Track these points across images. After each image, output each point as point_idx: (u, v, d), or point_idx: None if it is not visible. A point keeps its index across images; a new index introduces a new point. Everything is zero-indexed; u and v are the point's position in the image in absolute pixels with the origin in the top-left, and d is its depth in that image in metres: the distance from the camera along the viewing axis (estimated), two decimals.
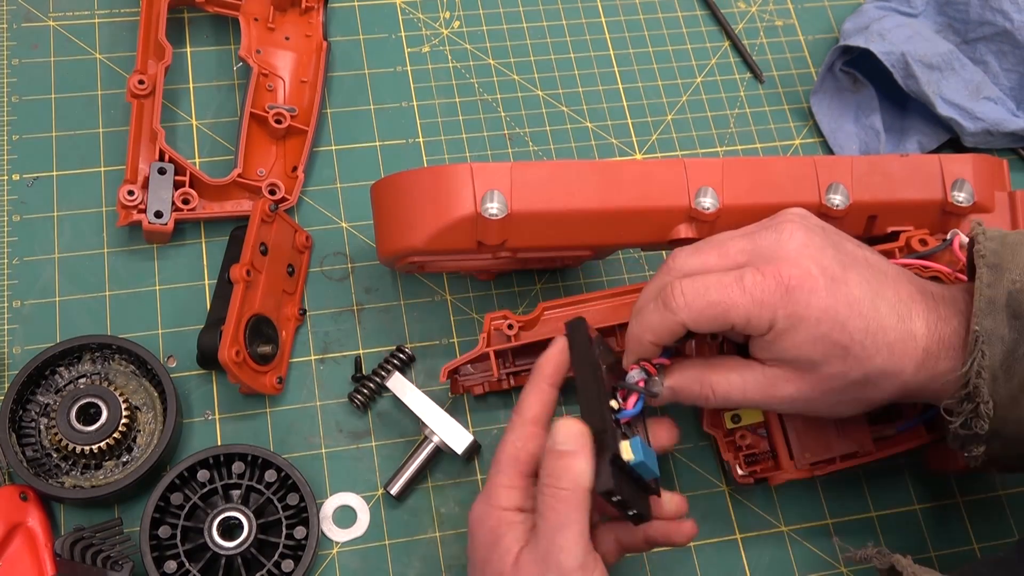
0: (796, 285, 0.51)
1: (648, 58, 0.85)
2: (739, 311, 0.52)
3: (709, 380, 0.55)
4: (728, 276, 0.52)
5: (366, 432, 0.68)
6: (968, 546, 0.68)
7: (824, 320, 0.51)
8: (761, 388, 0.54)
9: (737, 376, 0.55)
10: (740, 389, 0.55)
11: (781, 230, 0.53)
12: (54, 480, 0.62)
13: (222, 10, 0.78)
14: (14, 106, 0.75)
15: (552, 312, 0.64)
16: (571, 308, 0.64)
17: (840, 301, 0.51)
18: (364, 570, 0.64)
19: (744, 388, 0.55)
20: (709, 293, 0.52)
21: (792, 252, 0.52)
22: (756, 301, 0.51)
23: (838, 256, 0.53)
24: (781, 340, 0.52)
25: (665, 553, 0.66)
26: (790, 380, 0.53)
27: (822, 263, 0.52)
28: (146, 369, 0.65)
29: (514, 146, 0.79)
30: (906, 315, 0.52)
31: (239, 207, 0.72)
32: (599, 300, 0.64)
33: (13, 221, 0.71)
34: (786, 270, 0.51)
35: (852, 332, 0.51)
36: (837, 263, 0.52)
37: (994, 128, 0.80)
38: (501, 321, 0.63)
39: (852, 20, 0.85)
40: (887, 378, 0.52)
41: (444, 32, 0.83)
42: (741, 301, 0.51)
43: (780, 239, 0.53)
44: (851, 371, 0.52)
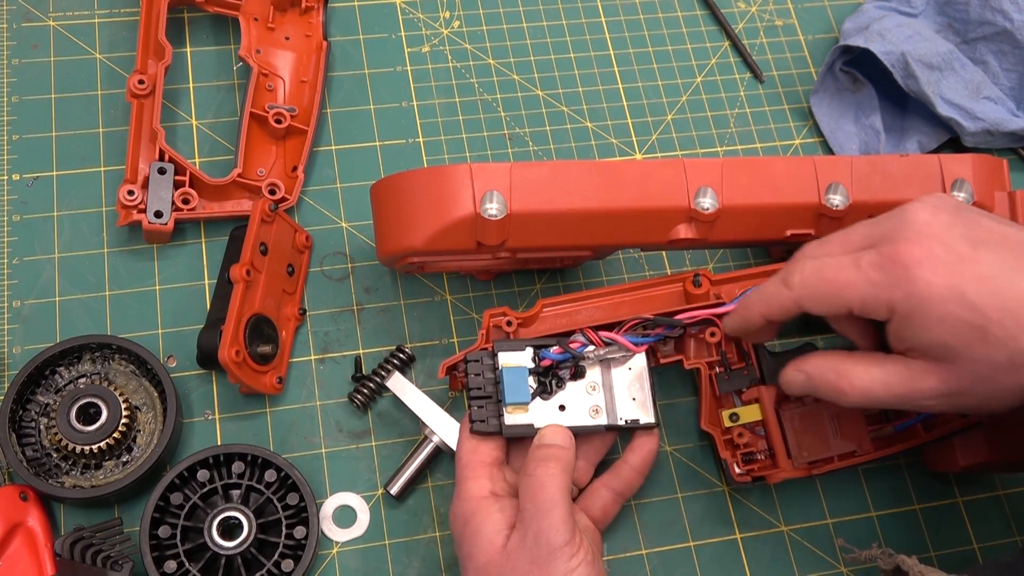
0: (914, 263, 0.49)
1: (648, 58, 0.85)
2: (854, 291, 0.50)
3: (848, 371, 0.53)
4: (847, 257, 0.51)
5: (366, 432, 0.68)
6: (968, 546, 0.68)
7: (950, 299, 0.48)
8: (905, 382, 0.51)
9: (879, 369, 0.52)
10: (882, 383, 0.52)
11: (904, 212, 0.51)
12: (54, 480, 0.62)
13: (222, 10, 0.78)
14: (14, 106, 0.75)
15: (551, 309, 0.64)
16: (571, 305, 0.64)
17: (967, 279, 0.48)
18: (364, 570, 0.64)
19: (886, 382, 0.52)
20: (825, 271, 0.52)
21: (913, 232, 0.50)
22: (872, 281, 0.50)
23: (969, 233, 0.50)
24: (908, 325, 0.50)
25: (665, 553, 0.66)
26: (933, 371, 0.50)
27: (946, 241, 0.49)
28: (146, 369, 0.65)
29: (514, 146, 0.79)
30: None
31: (239, 207, 0.72)
32: (599, 298, 0.64)
33: (13, 221, 0.71)
34: (905, 249, 0.49)
35: (986, 310, 0.48)
36: (965, 240, 0.49)
37: (994, 128, 0.80)
38: (500, 317, 0.63)
39: (852, 20, 0.85)
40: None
41: (444, 32, 0.83)
42: (856, 281, 0.50)
43: (903, 220, 0.51)
44: (994, 354, 0.48)
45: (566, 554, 0.53)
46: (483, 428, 0.59)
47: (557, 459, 0.56)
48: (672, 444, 0.70)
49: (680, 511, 0.68)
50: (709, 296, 0.63)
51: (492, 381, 0.59)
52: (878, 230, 0.52)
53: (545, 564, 0.52)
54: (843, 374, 0.53)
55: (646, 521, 0.67)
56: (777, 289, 0.54)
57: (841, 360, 0.54)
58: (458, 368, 0.65)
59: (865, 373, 0.52)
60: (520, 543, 0.54)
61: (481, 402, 0.59)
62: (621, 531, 0.67)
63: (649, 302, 0.64)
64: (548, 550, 0.52)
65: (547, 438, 0.57)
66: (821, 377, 0.54)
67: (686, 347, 0.64)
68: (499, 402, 0.59)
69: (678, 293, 0.64)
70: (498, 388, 0.59)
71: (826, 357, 0.55)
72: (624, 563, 0.66)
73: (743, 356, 0.64)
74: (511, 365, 0.59)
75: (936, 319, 0.49)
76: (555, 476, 0.55)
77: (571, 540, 0.53)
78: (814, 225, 0.64)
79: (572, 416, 0.60)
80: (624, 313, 0.63)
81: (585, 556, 0.53)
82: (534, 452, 0.57)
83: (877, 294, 0.50)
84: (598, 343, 0.59)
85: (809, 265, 0.53)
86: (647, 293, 0.64)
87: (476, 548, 0.55)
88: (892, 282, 0.49)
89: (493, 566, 0.54)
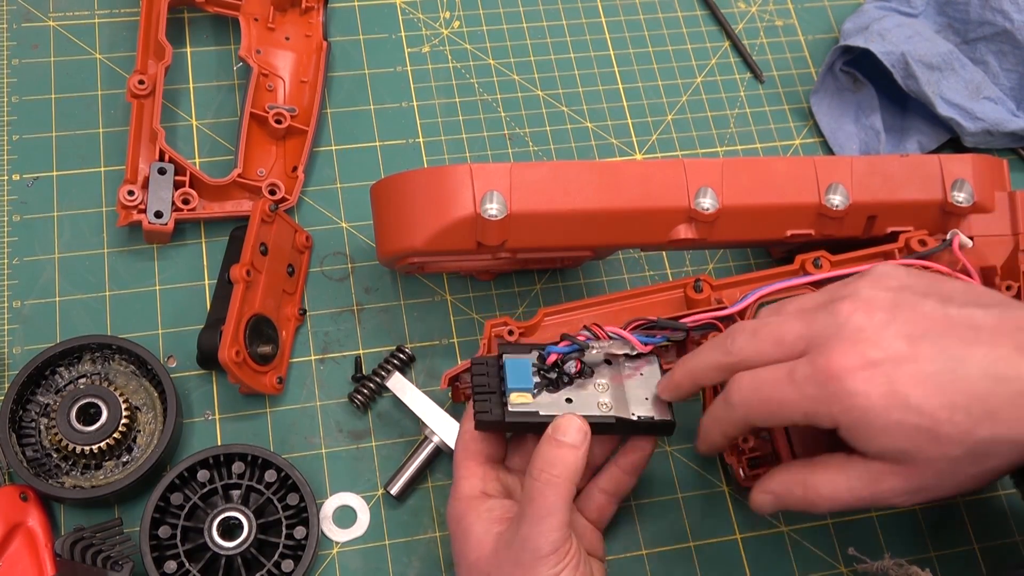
0: (848, 376, 0.47)
1: (648, 58, 0.85)
2: (794, 409, 0.49)
3: (812, 483, 0.51)
4: (781, 370, 0.49)
5: (366, 432, 0.68)
6: (968, 546, 0.68)
7: (892, 407, 0.46)
8: (867, 485, 0.50)
9: (841, 476, 0.50)
10: (847, 489, 0.50)
11: (837, 312, 0.49)
12: (54, 480, 0.62)
13: (222, 10, 0.78)
14: (14, 106, 0.75)
15: (552, 318, 0.64)
16: (571, 314, 0.64)
17: (907, 382, 0.46)
18: (364, 570, 0.64)
19: (850, 487, 0.50)
20: (763, 389, 0.50)
21: (846, 338, 0.48)
22: (809, 397, 0.48)
23: (907, 328, 0.48)
24: (855, 436, 0.48)
25: (665, 553, 0.66)
26: (894, 472, 0.49)
27: (881, 343, 0.47)
28: (146, 369, 0.65)
29: (514, 146, 0.79)
30: (1009, 374, 0.46)
31: (239, 207, 0.72)
32: (600, 305, 0.64)
33: (13, 221, 0.71)
34: (836, 360, 0.47)
35: (932, 412, 0.46)
36: (903, 338, 0.47)
37: (994, 128, 0.80)
38: (501, 327, 0.63)
39: (852, 20, 0.85)
40: (1003, 446, 0.47)
41: (444, 32, 0.83)
42: (794, 398, 0.49)
43: (835, 322, 0.49)
44: (950, 451, 0.47)
45: (551, 561, 0.52)
46: (486, 418, 0.56)
47: (564, 464, 0.53)
48: (672, 444, 0.70)
49: (680, 511, 0.68)
50: (710, 301, 0.63)
51: (496, 380, 0.57)
52: (812, 328, 0.50)
53: (529, 568, 0.52)
54: (808, 486, 0.52)
55: (646, 521, 0.67)
56: (723, 411, 0.53)
57: (803, 472, 0.53)
58: (460, 379, 0.65)
59: (829, 483, 0.51)
60: (508, 544, 0.53)
61: (484, 396, 0.57)
62: (621, 531, 0.67)
63: (650, 308, 0.64)
64: (534, 556, 0.52)
65: (560, 432, 0.53)
66: (789, 494, 0.53)
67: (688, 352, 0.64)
68: (502, 392, 0.57)
69: (679, 299, 0.64)
70: (502, 384, 0.57)
71: (789, 471, 0.54)
72: (624, 563, 0.66)
73: None
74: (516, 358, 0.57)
75: (881, 428, 0.47)
76: (557, 484, 0.52)
77: (558, 549, 0.52)
78: (814, 225, 0.64)
79: (580, 408, 0.57)
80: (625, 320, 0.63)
81: (569, 563, 0.52)
82: (542, 450, 0.54)
83: (817, 409, 0.48)
84: (603, 336, 0.58)
85: (746, 382, 0.51)
86: (648, 299, 0.64)
87: (467, 547, 0.55)
88: (829, 397, 0.47)
89: (481, 563, 0.54)
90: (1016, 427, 0.46)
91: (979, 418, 0.46)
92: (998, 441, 0.47)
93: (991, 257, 0.66)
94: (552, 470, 0.53)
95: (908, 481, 0.49)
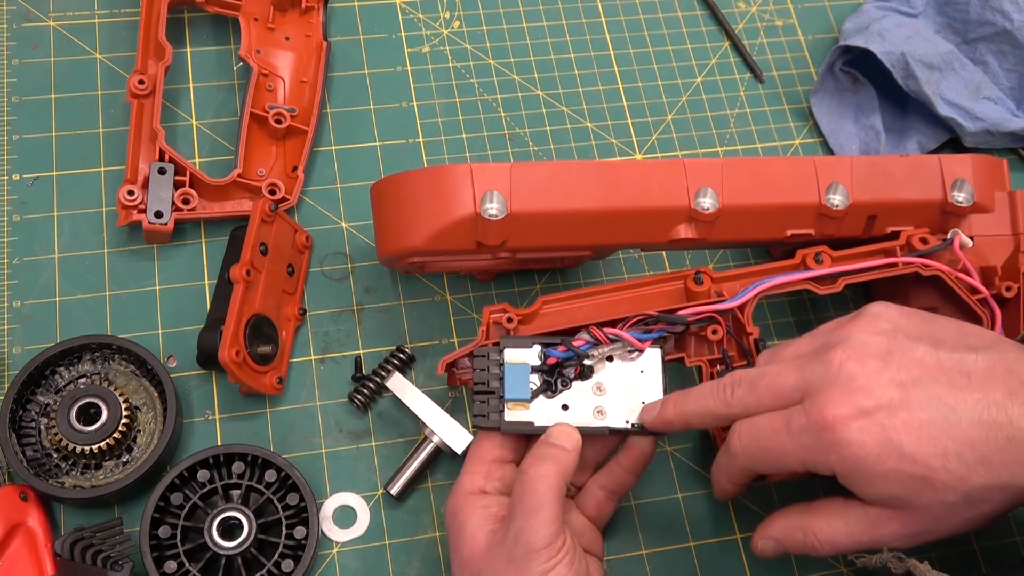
0: (841, 426, 0.48)
1: (648, 58, 0.85)
2: (792, 458, 0.50)
3: (812, 528, 0.52)
4: (778, 420, 0.50)
5: (366, 432, 0.68)
6: (968, 546, 0.68)
7: (886, 456, 0.47)
8: (866, 531, 0.51)
9: (840, 521, 0.51)
10: (846, 534, 0.51)
11: (830, 360, 0.50)
12: (54, 480, 0.62)
13: (222, 10, 0.78)
14: (14, 106, 0.75)
15: (551, 306, 0.64)
16: (570, 303, 0.64)
17: (900, 430, 0.47)
18: (364, 570, 0.64)
19: (849, 532, 0.51)
20: (761, 440, 0.51)
21: (841, 385, 0.49)
22: (805, 447, 0.49)
23: (899, 375, 0.48)
24: (851, 483, 0.49)
25: (665, 553, 0.66)
26: (891, 518, 0.50)
27: (873, 391, 0.48)
28: (146, 369, 0.65)
29: (514, 146, 0.79)
30: (1001, 419, 0.47)
31: (239, 207, 0.72)
32: (600, 295, 0.64)
33: (13, 221, 0.71)
34: (830, 410, 0.48)
35: (926, 460, 0.47)
36: (896, 386, 0.48)
37: (994, 128, 0.80)
38: (500, 314, 0.63)
39: (852, 20, 0.85)
40: (997, 491, 0.48)
41: (444, 32, 0.83)
42: (791, 448, 0.49)
43: (828, 372, 0.49)
44: (946, 497, 0.48)
45: (543, 556, 0.52)
46: (483, 423, 0.58)
47: (555, 460, 0.55)
48: (672, 444, 0.70)
49: (680, 511, 0.68)
50: (710, 293, 0.63)
51: (497, 376, 0.59)
52: (806, 378, 0.50)
53: (521, 564, 0.52)
54: (808, 531, 0.53)
55: (646, 521, 0.67)
56: (727, 459, 0.55)
57: (803, 517, 0.53)
58: (457, 365, 0.65)
59: (829, 527, 0.52)
60: (502, 539, 0.54)
61: (484, 396, 0.59)
62: (621, 531, 0.67)
63: (650, 299, 0.64)
64: (527, 550, 0.52)
65: (552, 437, 0.57)
66: (790, 539, 0.54)
67: (687, 345, 0.64)
68: (501, 398, 0.58)
69: (679, 290, 0.64)
70: (502, 384, 0.58)
71: (788, 516, 0.55)
72: (624, 563, 0.66)
73: (745, 354, 0.64)
74: (515, 362, 0.59)
75: (877, 477, 0.48)
76: (547, 477, 0.54)
77: (551, 544, 0.52)
78: (814, 225, 0.64)
79: (575, 416, 0.59)
80: (625, 310, 0.63)
81: (563, 558, 0.53)
82: (534, 450, 0.56)
83: (814, 459, 0.49)
84: (604, 340, 0.59)
85: (745, 432, 0.52)
86: (648, 290, 0.64)
87: (461, 542, 0.55)
88: (825, 447, 0.48)
89: (475, 560, 0.54)
90: (1008, 472, 0.47)
91: (972, 465, 0.47)
92: (992, 487, 0.47)
93: (991, 257, 0.66)
94: (543, 465, 0.54)
95: (906, 526, 0.50)
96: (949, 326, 0.52)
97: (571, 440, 0.56)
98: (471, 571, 0.55)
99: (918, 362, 0.49)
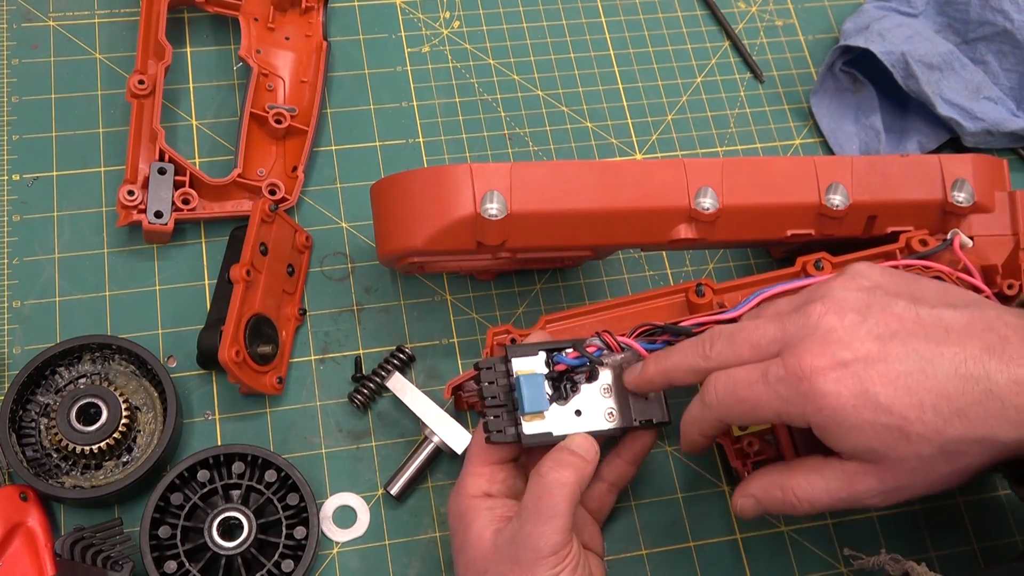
0: (819, 376, 0.48)
1: (648, 58, 0.85)
2: (767, 409, 0.50)
3: (791, 485, 0.52)
4: (756, 371, 0.50)
5: (366, 432, 0.68)
6: (968, 546, 0.68)
7: (862, 407, 0.47)
8: (844, 485, 0.51)
9: (819, 477, 0.51)
10: (823, 490, 0.51)
11: (809, 313, 0.50)
12: (54, 480, 0.62)
13: (222, 10, 0.78)
14: (14, 106, 0.75)
15: (554, 325, 0.64)
16: (573, 320, 0.64)
17: (876, 382, 0.47)
18: (364, 570, 0.64)
19: (827, 488, 0.51)
20: (738, 390, 0.51)
21: (817, 339, 0.49)
22: (782, 397, 0.49)
23: (877, 328, 0.49)
24: (827, 435, 0.49)
25: (665, 553, 0.66)
26: (868, 472, 0.50)
27: (851, 343, 0.48)
28: (146, 369, 0.65)
29: (514, 146, 0.79)
30: (978, 374, 0.47)
31: (239, 207, 0.72)
32: (602, 311, 0.64)
33: (13, 221, 0.71)
34: (808, 361, 0.48)
35: (902, 411, 0.47)
36: (873, 338, 0.48)
37: (994, 128, 0.80)
38: (504, 336, 0.63)
39: (852, 20, 0.85)
40: (973, 445, 0.47)
41: (444, 32, 0.83)
42: (767, 398, 0.49)
43: (807, 324, 0.50)
44: (922, 450, 0.48)
45: (550, 563, 0.52)
46: (500, 438, 0.57)
47: (575, 468, 0.54)
48: (672, 445, 0.70)
49: (680, 511, 0.68)
50: (712, 305, 0.63)
51: (506, 388, 0.57)
52: (786, 330, 0.50)
53: (527, 566, 0.52)
54: (787, 488, 0.53)
55: (646, 521, 0.67)
56: (700, 410, 0.54)
57: (782, 475, 0.53)
58: (463, 388, 0.65)
59: (808, 484, 0.52)
60: (510, 540, 0.53)
61: (497, 411, 0.57)
62: (621, 531, 0.67)
63: (653, 313, 0.64)
64: (535, 555, 0.52)
65: (573, 445, 0.56)
66: (768, 497, 0.54)
67: None
68: (515, 410, 0.57)
69: (681, 303, 0.64)
70: (513, 396, 0.57)
71: (768, 475, 0.54)
72: (624, 563, 0.66)
73: None
74: (526, 372, 0.57)
75: (852, 427, 0.48)
76: (566, 485, 0.53)
77: (559, 551, 0.52)
78: (814, 225, 0.64)
79: (589, 421, 0.58)
80: (628, 325, 0.62)
81: (568, 564, 0.53)
82: (553, 454, 0.55)
83: (789, 409, 0.49)
84: (615, 348, 0.58)
85: (721, 383, 0.52)
86: (650, 304, 0.64)
87: (466, 543, 0.55)
88: (801, 398, 0.48)
89: (480, 560, 0.54)
90: (984, 425, 0.47)
91: (948, 417, 0.47)
92: (968, 440, 0.47)
93: (992, 256, 0.66)
94: (562, 472, 0.54)
95: (882, 481, 0.50)
96: (930, 284, 0.52)
97: (591, 451, 0.56)
98: (476, 571, 0.55)
99: (897, 316, 0.49)
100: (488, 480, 0.57)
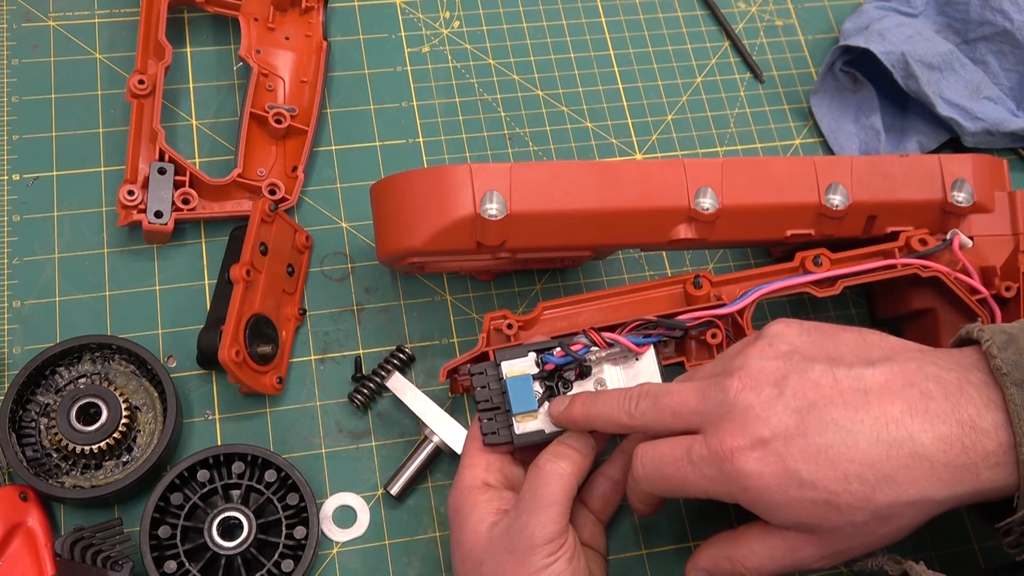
0: (740, 457, 0.47)
1: (648, 58, 0.85)
2: (695, 488, 0.50)
3: (737, 557, 0.52)
4: (680, 448, 0.50)
5: (366, 432, 0.68)
6: (968, 546, 0.68)
7: (786, 484, 0.47)
8: (787, 554, 0.50)
9: (762, 546, 0.51)
10: (768, 559, 0.51)
11: (727, 389, 0.49)
12: (54, 480, 0.62)
13: (222, 10, 0.78)
14: (14, 106, 0.75)
15: (552, 312, 0.64)
16: (571, 308, 0.64)
17: (798, 458, 0.47)
18: (364, 570, 0.64)
19: (772, 557, 0.51)
20: (663, 467, 0.51)
21: (737, 416, 0.48)
22: (707, 477, 0.49)
23: (795, 401, 0.48)
24: (758, 511, 0.49)
25: (665, 553, 0.66)
26: (807, 540, 0.49)
27: (770, 421, 0.48)
28: (146, 369, 0.65)
29: (514, 146, 0.79)
30: (901, 437, 0.46)
31: (239, 207, 0.72)
32: (600, 300, 0.64)
33: (13, 221, 0.71)
34: (728, 442, 0.48)
35: (827, 485, 0.47)
36: (791, 412, 0.48)
37: (994, 128, 0.80)
38: (500, 321, 0.63)
39: (852, 20, 0.85)
40: (907, 507, 0.47)
41: (444, 32, 0.83)
42: (692, 478, 0.49)
43: (725, 401, 0.49)
44: (854, 518, 0.47)
45: (546, 551, 0.52)
46: (495, 440, 0.58)
47: (572, 460, 0.55)
48: None
49: (680, 511, 0.68)
50: (710, 297, 0.63)
51: (498, 392, 0.58)
52: (705, 404, 0.50)
53: (522, 556, 0.52)
54: (735, 560, 0.53)
55: (646, 521, 0.67)
56: (632, 484, 0.55)
57: (728, 545, 0.53)
58: (459, 371, 0.65)
59: (752, 554, 0.52)
60: (506, 530, 0.54)
61: (490, 414, 0.58)
62: (621, 531, 0.67)
63: (650, 304, 0.64)
64: (529, 544, 0.53)
65: (570, 438, 0.57)
66: (718, 568, 0.54)
67: (688, 349, 0.64)
68: (507, 412, 0.58)
69: (679, 295, 0.64)
70: (505, 398, 0.58)
71: (715, 546, 0.54)
72: (624, 563, 0.66)
73: None
74: (515, 374, 0.58)
75: (780, 505, 0.48)
76: (563, 476, 0.54)
77: (553, 540, 0.53)
78: (814, 225, 0.64)
79: None
80: (625, 315, 0.63)
81: (563, 554, 0.53)
82: (552, 447, 0.56)
83: (716, 488, 0.49)
84: (601, 344, 0.58)
85: (648, 457, 0.52)
86: (648, 295, 0.64)
87: (463, 534, 0.56)
88: (725, 479, 0.48)
89: (476, 551, 0.55)
90: (915, 487, 0.46)
91: (876, 484, 0.46)
92: (900, 503, 0.47)
93: (991, 257, 0.66)
94: (560, 463, 0.55)
95: (822, 548, 0.50)
96: (849, 339, 0.51)
97: (588, 445, 0.56)
98: (473, 563, 0.55)
99: (814, 384, 0.48)
100: (485, 470, 0.58)
